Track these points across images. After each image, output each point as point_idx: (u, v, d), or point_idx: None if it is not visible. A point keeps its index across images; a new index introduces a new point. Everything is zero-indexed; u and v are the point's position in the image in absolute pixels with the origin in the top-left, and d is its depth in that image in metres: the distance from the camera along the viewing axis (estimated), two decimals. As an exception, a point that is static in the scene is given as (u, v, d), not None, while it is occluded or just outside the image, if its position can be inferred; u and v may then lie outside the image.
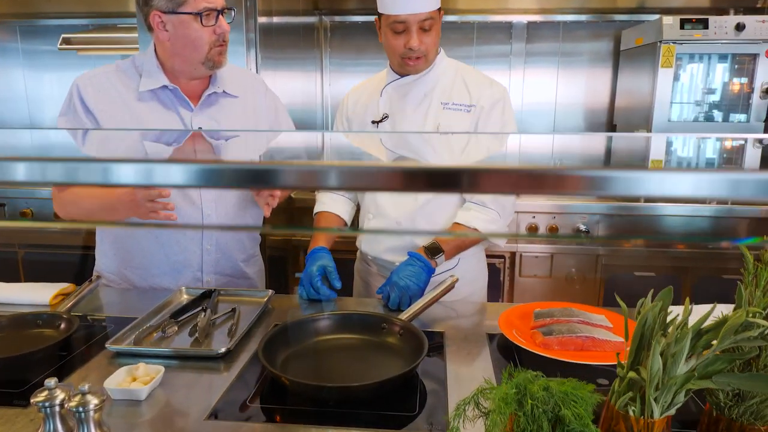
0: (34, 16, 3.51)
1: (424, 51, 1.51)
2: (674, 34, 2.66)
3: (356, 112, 1.69)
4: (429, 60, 1.55)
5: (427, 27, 1.48)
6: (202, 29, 1.43)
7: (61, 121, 1.49)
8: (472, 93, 1.57)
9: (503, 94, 1.58)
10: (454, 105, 1.56)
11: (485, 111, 1.55)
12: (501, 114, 1.56)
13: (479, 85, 1.58)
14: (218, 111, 1.56)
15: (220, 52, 1.49)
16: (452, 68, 1.62)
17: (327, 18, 3.37)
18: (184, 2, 1.41)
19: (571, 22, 3.32)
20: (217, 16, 1.44)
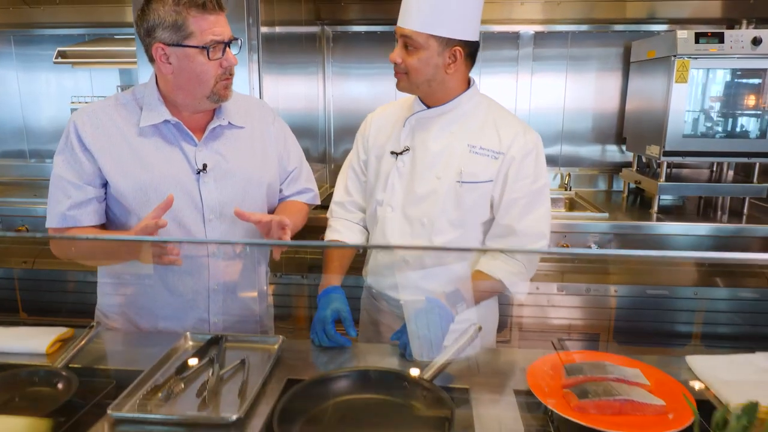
0: (29, 26, 3.42)
1: (404, 69, 1.42)
2: (689, 48, 2.59)
3: (378, 139, 1.60)
4: (412, 83, 1.44)
5: (409, 46, 1.40)
6: (207, 63, 1.34)
7: (58, 161, 1.41)
8: (502, 139, 1.47)
9: (536, 143, 1.49)
10: (482, 150, 1.46)
11: (516, 162, 1.45)
12: (533, 166, 1.47)
13: (512, 131, 1.48)
14: (224, 144, 1.48)
15: (226, 86, 1.40)
16: (483, 107, 1.52)
17: (329, 28, 3.31)
18: (190, 35, 1.32)
19: (579, 32, 3.26)
20: (224, 49, 1.36)
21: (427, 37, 1.38)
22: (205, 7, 1.31)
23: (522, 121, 1.53)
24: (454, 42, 1.39)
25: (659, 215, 2.82)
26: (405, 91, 1.50)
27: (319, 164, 3.41)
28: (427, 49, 1.39)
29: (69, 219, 1.39)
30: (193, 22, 1.30)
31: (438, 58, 1.40)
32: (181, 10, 1.30)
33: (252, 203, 1.51)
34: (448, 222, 1.48)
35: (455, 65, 1.42)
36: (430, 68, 1.41)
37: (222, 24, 1.35)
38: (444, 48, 1.40)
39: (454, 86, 1.48)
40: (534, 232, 1.46)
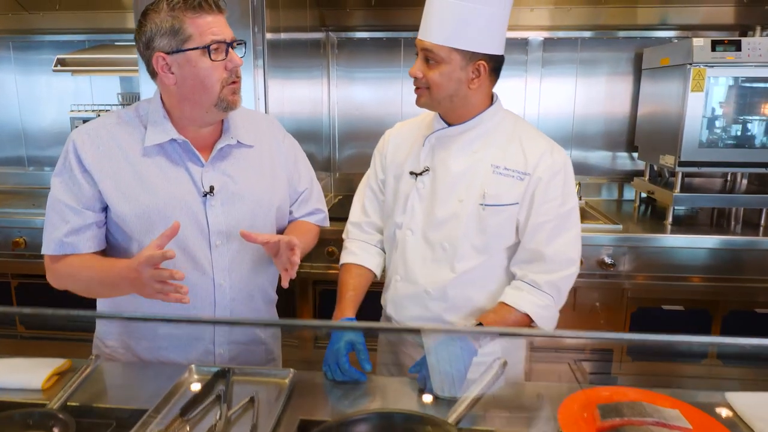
0: (29, 32, 3.35)
1: (424, 83, 1.35)
2: (705, 56, 2.52)
3: (396, 158, 1.53)
4: (433, 99, 1.37)
5: (430, 59, 1.32)
6: (211, 66, 1.26)
7: (56, 183, 1.33)
8: (529, 159, 1.39)
9: (565, 162, 1.40)
10: (506, 170, 1.38)
11: (543, 183, 1.37)
12: (561, 187, 1.39)
13: (538, 150, 1.39)
14: (232, 165, 1.40)
15: (234, 90, 1.32)
16: (508, 124, 1.44)
17: (334, 34, 3.26)
18: (189, 38, 1.25)
19: (589, 38, 3.19)
20: (227, 50, 1.28)
21: (449, 51, 1.30)
22: (201, 8, 1.25)
23: (549, 139, 1.45)
24: (478, 56, 1.32)
25: (674, 227, 2.75)
26: (425, 107, 1.42)
27: (324, 172, 3.34)
28: (449, 63, 1.32)
29: (66, 246, 1.31)
30: (190, 24, 1.24)
31: (461, 73, 1.33)
32: (177, 14, 1.23)
33: (261, 227, 1.43)
34: (471, 247, 1.40)
35: (479, 80, 1.35)
36: (453, 83, 1.34)
37: (221, 24, 1.28)
38: (467, 62, 1.32)
39: (477, 102, 1.40)
40: (562, 258, 1.38)
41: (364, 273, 1.53)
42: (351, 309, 1.42)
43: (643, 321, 2.68)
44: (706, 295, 2.62)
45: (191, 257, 1.34)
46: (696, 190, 2.93)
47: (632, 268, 2.63)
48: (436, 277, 1.43)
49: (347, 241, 1.60)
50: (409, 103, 3.32)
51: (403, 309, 1.49)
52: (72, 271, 1.32)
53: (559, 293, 1.39)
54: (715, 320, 2.66)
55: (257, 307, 1.49)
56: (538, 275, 1.37)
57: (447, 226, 1.41)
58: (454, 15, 1.28)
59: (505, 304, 1.37)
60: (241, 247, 1.39)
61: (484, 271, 1.42)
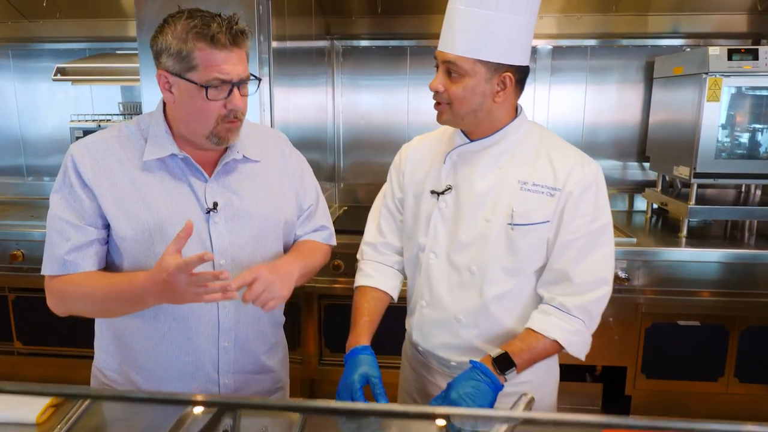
0: (29, 40, 3.29)
1: (446, 98, 1.27)
2: (721, 65, 2.46)
3: (415, 175, 1.44)
4: (456, 114, 1.28)
5: (453, 72, 1.24)
6: (208, 102, 1.19)
7: (56, 199, 1.26)
8: (558, 173, 1.29)
9: (597, 175, 1.32)
10: (535, 186, 1.29)
11: (574, 197, 1.28)
12: (593, 202, 1.29)
13: (568, 163, 1.30)
14: (237, 180, 1.33)
15: (229, 129, 1.24)
16: (534, 137, 1.35)
17: (339, 42, 3.20)
18: (193, 68, 1.17)
19: (599, 47, 3.13)
20: (231, 90, 1.20)
21: (473, 63, 1.22)
22: (214, 42, 1.16)
23: (579, 151, 1.36)
24: (503, 67, 1.24)
25: (688, 239, 2.68)
26: (448, 124, 1.34)
27: (328, 182, 3.28)
28: (473, 76, 1.23)
29: (68, 265, 1.24)
30: (199, 55, 1.16)
31: (486, 86, 1.25)
32: (188, 39, 1.15)
33: (267, 245, 1.36)
34: (501, 270, 1.31)
35: (504, 93, 1.27)
36: (477, 97, 1.26)
37: (233, 62, 1.19)
38: (492, 74, 1.24)
39: (502, 116, 1.32)
40: (592, 278, 1.28)
41: (380, 296, 1.45)
42: (366, 336, 1.34)
43: (658, 337, 2.61)
44: (722, 310, 2.55)
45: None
46: (709, 202, 2.86)
47: (646, 282, 2.56)
48: (465, 302, 1.35)
49: (362, 263, 1.52)
50: (414, 111, 3.26)
51: (431, 336, 1.41)
52: (82, 291, 1.25)
53: (590, 317, 1.30)
54: (732, 336, 2.59)
55: (263, 329, 1.42)
56: (566, 298, 1.28)
57: (473, 248, 1.32)
58: (479, 25, 1.20)
59: (533, 331, 1.28)
60: (247, 266, 1.32)
61: (515, 294, 1.33)
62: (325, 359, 2.85)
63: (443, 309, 1.36)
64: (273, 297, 1.22)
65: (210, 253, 1.10)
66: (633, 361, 2.64)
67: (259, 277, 1.20)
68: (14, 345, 2.96)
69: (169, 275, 1.09)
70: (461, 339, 1.35)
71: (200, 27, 1.15)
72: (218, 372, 1.35)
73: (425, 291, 1.39)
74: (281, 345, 1.52)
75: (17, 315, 2.93)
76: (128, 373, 1.36)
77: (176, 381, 1.34)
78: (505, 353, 1.23)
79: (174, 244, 1.11)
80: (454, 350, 1.36)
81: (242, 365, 1.38)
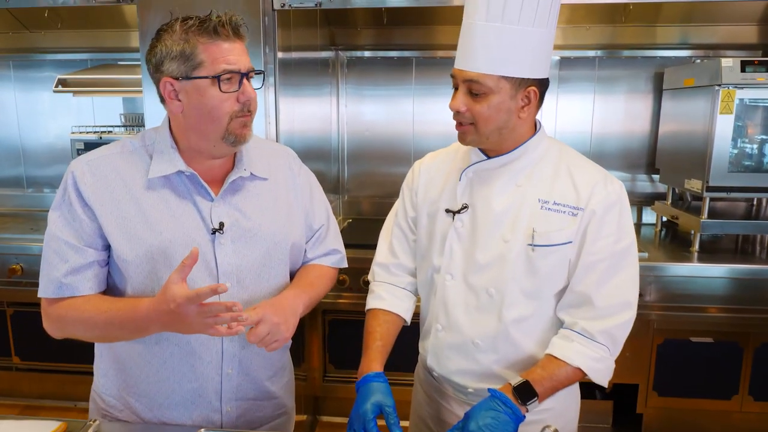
0: (30, 50, 3.26)
1: (469, 118, 1.21)
2: (734, 77, 2.42)
3: (429, 194, 1.38)
4: (481, 134, 1.22)
5: (475, 91, 1.18)
6: (220, 97, 1.15)
7: (54, 218, 1.21)
8: (580, 192, 1.23)
9: (620, 194, 1.25)
10: (556, 205, 1.23)
11: (597, 217, 1.22)
12: (617, 220, 1.23)
13: (590, 181, 1.24)
14: (244, 199, 1.28)
15: (244, 123, 1.20)
16: (554, 153, 1.30)
17: (344, 53, 3.18)
18: (200, 65, 1.14)
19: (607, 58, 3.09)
20: (241, 81, 1.17)
21: (497, 79, 1.17)
22: (216, 33, 1.13)
23: (601, 168, 1.30)
24: (528, 81, 1.19)
25: (700, 254, 2.63)
26: (472, 145, 1.28)
27: (333, 195, 3.23)
28: (498, 93, 1.18)
29: (66, 288, 1.19)
30: (202, 50, 1.13)
31: (511, 102, 1.19)
32: (190, 37, 1.12)
33: (274, 267, 1.31)
34: (521, 292, 1.25)
35: (529, 108, 1.22)
36: (503, 114, 1.20)
37: (237, 53, 1.17)
38: (517, 90, 1.19)
39: (524, 132, 1.26)
40: (616, 302, 1.22)
41: (393, 319, 1.39)
42: (378, 362, 1.28)
43: (671, 353, 2.55)
44: (736, 326, 2.49)
45: None
46: (720, 215, 2.81)
47: (658, 298, 2.51)
48: (482, 326, 1.28)
49: (373, 284, 1.46)
50: (420, 123, 3.22)
51: (447, 360, 1.34)
52: (82, 317, 1.19)
53: (614, 343, 1.23)
54: (746, 353, 2.53)
55: (269, 354, 1.36)
56: (589, 322, 1.22)
57: (492, 270, 1.26)
58: (502, 40, 1.15)
59: (554, 357, 1.21)
60: (254, 289, 1.27)
61: (536, 318, 1.27)
62: (329, 375, 2.79)
63: (460, 333, 1.30)
64: (277, 339, 1.19)
65: (225, 285, 1.05)
66: (644, 379, 2.58)
67: (264, 319, 1.16)
68: (12, 360, 2.91)
69: (178, 306, 1.05)
70: (479, 364, 1.29)
71: (199, 24, 1.13)
72: (221, 399, 1.29)
73: (441, 314, 1.33)
74: (287, 369, 1.46)
75: (16, 330, 2.88)
76: (127, 399, 1.30)
77: (177, 408, 1.28)
78: (526, 382, 1.17)
79: (179, 272, 1.07)
80: (472, 376, 1.30)
81: (245, 392, 1.32)
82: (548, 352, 1.23)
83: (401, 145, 3.25)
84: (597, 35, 3.05)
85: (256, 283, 1.28)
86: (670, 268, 2.49)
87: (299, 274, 1.40)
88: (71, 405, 2.93)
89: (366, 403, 1.16)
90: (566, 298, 1.26)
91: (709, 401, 2.58)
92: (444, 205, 1.33)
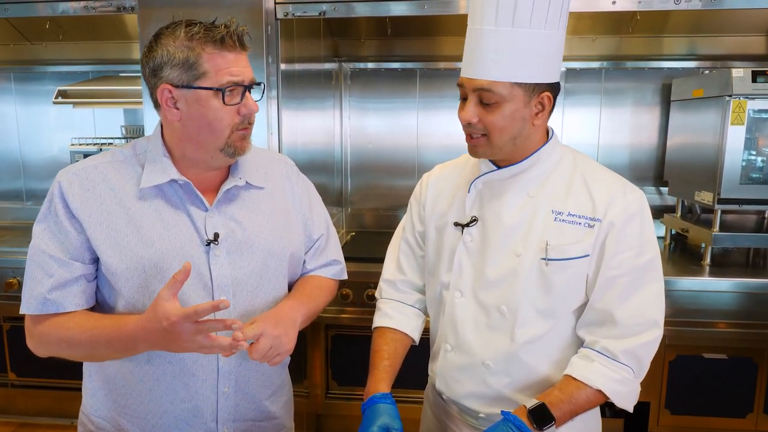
0: (32, 62, 3.25)
1: (481, 129, 1.15)
2: (745, 87, 2.37)
3: (437, 207, 1.32)
4: (494, 146, 1.16)
5: (486, 101, 1.12)
6: (222, 109, 1.11)
7: (39, 231, 1.16)
8: (597, 202, 1.17)
9: (641, 204, 1.18)
10: (570, 216, 1.17)
11: (616, 229, 1.15)
12: (639, 232, 1.16)
13: (608, 190, 1.18)
14: (240, 209, 1.23)
15: (243, 136, 1.17)
16: (568, 163, 1.23)
17: (347, 64, 3.15)
18: (203, 75, 1.10)
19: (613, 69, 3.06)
20: (243, 93, 1.13)
21: (511, 87, 1.11)
22: (223, 43, 1.10)
23: (619, 176, 1.23)
24: (541, 87, 1.14)
25: (712, 267, 2.57)
26: (485, 157, 1.22)
27: (336, 207, 3.19)
28: (511, 101, 1.12)
29: (50, 304, 1.13)
30: (207, 60, 1.09)
31: (525, 110, 1.14)
32: (195, 45, 1.09)
33: (272, 279, 1.26)
34: (534, 310, 1.18)
35: (543, 114, 1.16)
36: (517, 123, 1.14)
37: (242, 64, 1.13)
38: (531, 96, 1.13)
39: (536, 140, 1.21)
40: (640, 320, 1.15)
41: (401, 338, 1.33)
42: (386, 382, 1.22)
43: (683, 370, 2.48)
44: (750, 342, 2.43)
45: None
46: (730, 228, 2.74)
47: (670, 313, 2.38)
48: (494, 347, 1.22)
49: (380, 302, 1.40)
50: (424, 135, 3.19)
51: (457, 384, 1.27)
52: (66, 335, 1.13)
53: (639, 364, 1.16)
54: (760, 370, 2.46)
55: (267, 372, 1.30)
56: (611, 342, 1.14)
57: (503, 286, 1.20)
58: (514, 45, 1.10)
59: (573, 379, 1.14)
60: (251, 303, 1.22)
61: (551, 337, 1.20)
62: (332, 392, 2.72)
63: (470, 354, 1.24)
64: (279, 353, 1.14)
65: (227, 301, 1.00)
66: (656, 396, 2.51)
67: (265, 333, 1.11)
68: (8, 377, 2.85)
69: (171, 324, 1.00)
70: (490, 388, 1.22)
71: (204, 32, 1.09)
72: (217, 420, 1.23)
73: (450, 333, 1.27)
74: (286, 387, 1.41)
75: (11, 345, 2.83)
76: (118, 421, 1.24)
77: (171, 429, 1.22)
78: (542, 404, 1.10)
79: (169, 288, 1.02)
80: (483, 400, 1.24)
81: (243, 412, 1.27)
82: (567, 372, 1.17)
83: (405, 157, 3.22)
84: (603, 46, 3.02)
85: (253, 295, 1.23)
86: (681, 282, 2.43)
87: (298, 285, 1.35)
88: (68, 422, 2.87)
89: (372, 425, 1.10)
90: (586, 315, 1.20)
91: (722, 420, 2.51)
92: (453, 218, 1.28)
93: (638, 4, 2.10)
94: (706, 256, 2.60)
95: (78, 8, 2.23)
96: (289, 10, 2.12)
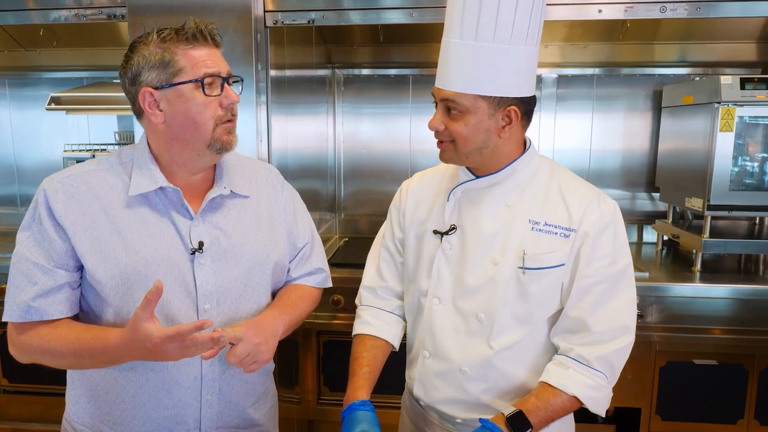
0: (26, 69, 3.26)
1: (447, 136, 1.18)
2: (734, 95, 2.39)
3: (417, 215, 1.34)
4: (460, 153, 1.20)
5: (452, 110, 1.16)
6: (204, 102, 1.14)
7: (23, 238, 1.17)
8: (573, 213, 1.19)
9: (614, 213, 1.21)
10: (547, 225, 1.19)
11: (590, 238, 1.17)
12: (612, 241, 1.19)
13: (583, 201, 1.21)
14: (225, 217, 1.24)
15: (229, 130, 1.19)
16: (544, 172, 1.26)
17: (340, 71, 3.17)
18: (180, 71, 1.13)
19: (605, 75, 3.07)
20: (222, 85, 1.16)
21: (474, 99, 1.14)
22: (195, 39, 1.13)
23: (593, 187, 1.26)
24: (508, 101, 1.15)
25: (703, 274, 2.57)
26: (452, 162, 1.25)
27: (329, 213, 3.19)
28: (475, 113, 1.15)
29: (33, 312, 1.14)
30: (182, 56, 1.12)
31: (489, 122, 1.16)
32: (169, 45, 1.12)
33: (256, 288, 1.26)
34: (512, 317, 1.20)
35: (510, 127, 1.18)
36: (481, 134, 1.17)
37: (216, 58, 1.17)
38: (496, 109, 1.15)
39: (509, 151, 1.23)
40: (613, 326, 1.17)
41: (381, 345, 1.34)
42: (365, 389, 1.23)
43: (673, 376, 2.48)
44: (741, 348, 2.43)
45: (175, 324, 1.16)
46: (722, 234, 2.76)
47: (660, 319, 2.44)
48: (471, 353, 1.23)
49: (360, 309, 1.41)
50: (417, 140, 3.20)
51: (434, 390, 1.28)
52: (47, 346, 1.14)
53: (612, 370, 1.18)
54: (751, 376, 2.46)
55: (250, 379, 1.31)
56: (585, 348, 1.16)
57: (481, 294, 1.22)
58: (477, 58, 1.12)
59: (549, 386, 1.16)
60: (234, 311, 1.23)
61: (527, 344, 1.22)
62: (323, 398, 2.72)
63: (447, 360, 1.25)
64: (256, 361, 1.15)
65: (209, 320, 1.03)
66: (647, 402, 2.51)
67: (246, 338, 1.13)
68: (0, 382, 2.84)
69: (155, 346, 1.02)
70: (467, 394, 1.24)
71: (176, 33, 1.13)
72: (200, 428, 1.24)
73: (427, 340, 1.28)
74: (270, 394, 1.41)
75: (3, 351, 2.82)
76: (101, 428, 1.24)
77: (154, 437, 1.22)
78: (519, 412, 1.11)
79: (143, 308, 1.03)
80: (460, 406, 1.25)
81: (227, 420, 1.27)
82: (543, 379, 1.18)
83: (398, 163, 3.23)
84: (595, 53, 3.04)
85: (237, 304, 1.24)
86: (672, 288, 2.43)
87: (281, 294, 1.36)
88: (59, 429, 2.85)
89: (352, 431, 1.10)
90: (561, 323, 1.21)
91: (713, 426, 2.51)
92: (432, 226, 1.29)
93: (624, 13, 2.11)
94: (697, 262, 2.61)
95: (69, 16, 2.24)
96: (278, 18, 2.14)
